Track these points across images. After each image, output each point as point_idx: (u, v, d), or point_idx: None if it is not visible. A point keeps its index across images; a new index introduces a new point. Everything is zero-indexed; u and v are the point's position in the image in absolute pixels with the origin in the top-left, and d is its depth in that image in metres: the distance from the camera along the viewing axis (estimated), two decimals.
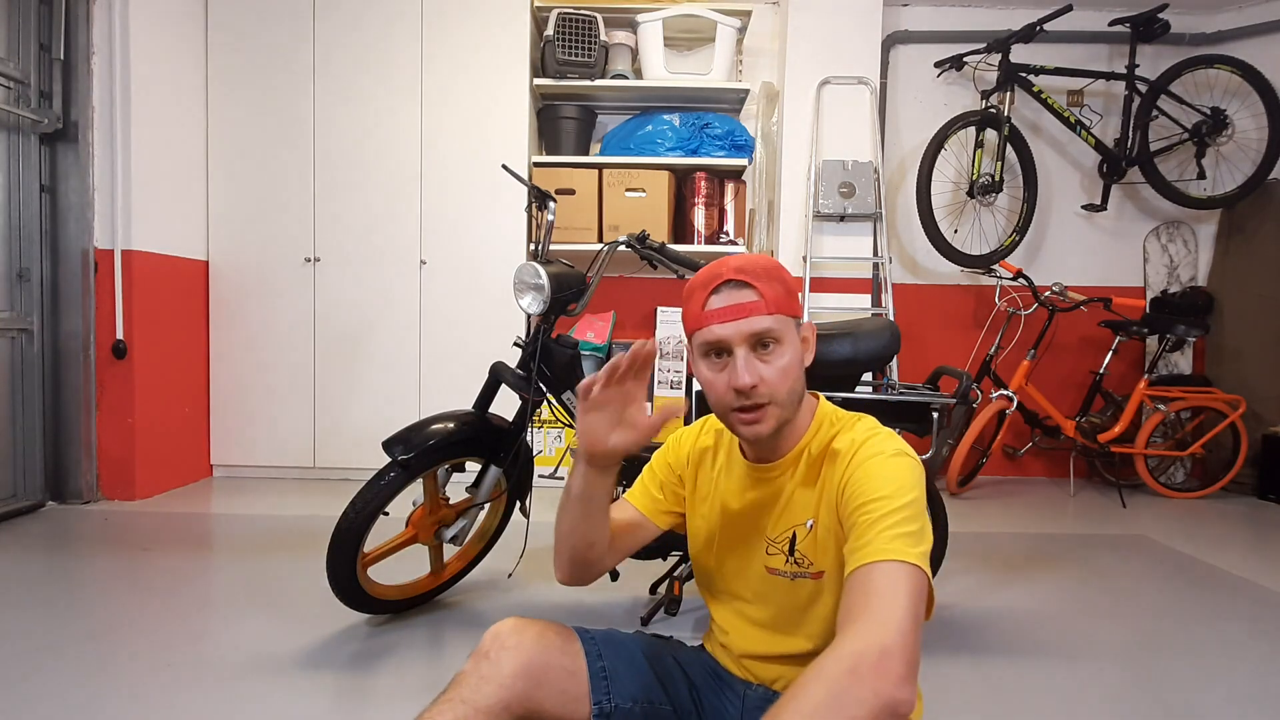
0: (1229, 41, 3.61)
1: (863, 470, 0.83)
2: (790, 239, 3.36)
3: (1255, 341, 3.53)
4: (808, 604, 0.92)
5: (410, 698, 1.45)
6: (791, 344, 0.88)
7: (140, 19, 2.82)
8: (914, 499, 0.79)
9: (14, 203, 2.69)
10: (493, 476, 1.84)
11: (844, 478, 0.85)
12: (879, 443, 0.86)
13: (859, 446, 0.86)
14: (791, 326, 0.89)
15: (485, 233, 3.23)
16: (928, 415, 1.81)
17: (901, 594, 0.71)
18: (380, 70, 3.20)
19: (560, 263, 1.85)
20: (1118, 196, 3.65)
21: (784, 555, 0.92)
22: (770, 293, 0.86)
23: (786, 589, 0.93)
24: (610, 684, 0.93)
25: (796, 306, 0.90)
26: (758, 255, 0.93)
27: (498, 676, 0.86)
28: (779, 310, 0.87)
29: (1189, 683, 1.61)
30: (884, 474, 0.82)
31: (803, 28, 3.32)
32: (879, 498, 0.79)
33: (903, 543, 0.75)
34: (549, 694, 0.89)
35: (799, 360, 0.90)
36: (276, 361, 3.26)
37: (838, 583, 0.87)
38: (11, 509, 2.65)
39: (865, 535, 0.77)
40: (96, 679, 1.51)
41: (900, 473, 0.82)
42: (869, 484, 0.81)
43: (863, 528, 0.78)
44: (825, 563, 0.90)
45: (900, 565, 0.73)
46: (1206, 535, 2.79)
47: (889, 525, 0.76)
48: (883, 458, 0.84)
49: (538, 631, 0.92)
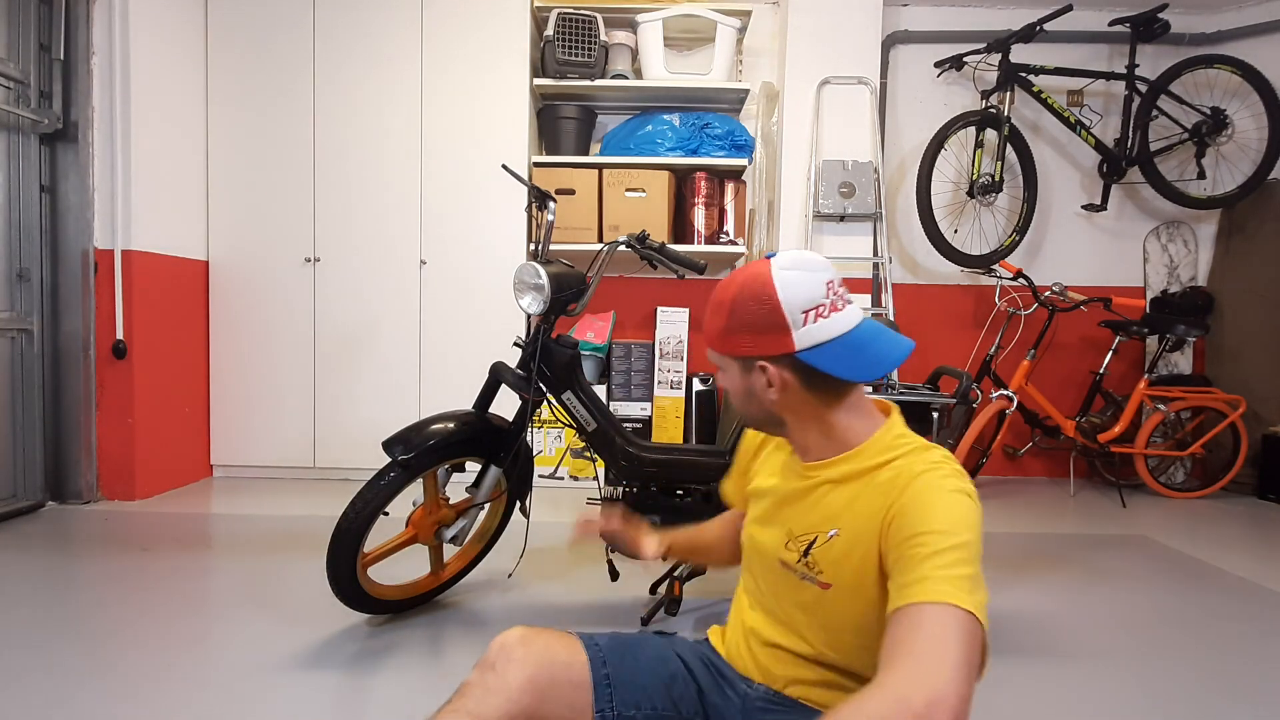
0: (1229, 41, 3.61)
1: (917, 502, 0.78)
2: (790, 239, 3.36)
3: (1255, 341, 3.53)
4: (809, 607, 0.91)
5: (410, 698, 1.45)
6: (731, 376, 0.90)
7: (140, 19, 2.83)
8: (970, 540, 0.73)
9: (14, 203, 2.69)
10: (493, 476, 1.84)
11: (894, 507, 0.79)
12: (939, 477, 0.80)
13: (916, 476, 0.80)
14: (730, 363, 0.89)
15: (485, 233, 3.23)
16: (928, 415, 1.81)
17: (954, 641, 0.65)
18: (380, 70, 3.20)
19: (560, 263, 1.85)
20: (1118, 196, 3.66)
21: (798, 554, 0.90)
22: (707, 326, 0.92)
23: (794, 585, 0.92)
24: (614, 691, 0.92)
25: (734, 345, 0.87)
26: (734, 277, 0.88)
27: (504, 689, 0.85)
28: (712, 345, 0.91)
29: (1189, 682, 1.61)
30: (939, 508, 0.76)
31: (803, 28, 3.32)
32: (931, 531, 0.74)
33: (957, 586, 0.69)
34: (554, 707, 0.88)
35: (741, 391, 0.90)
36: (276, 361, 3.26)
37: (844, 599, 0.85)
38: (11, 509, 2.65)
39: (915, 571, 0.71)
40: (97, 679, 1.51)
41: (957, 509, 0.76)
42: (922, 516, 0.76)
43: (912, 562, 0.72)
44: (834, 576, 0.86)
45: (954, 610, 0.67)
46: (1206, 535, 2.79)
47: (943, 565, 0.71)
48: (941, 492, 0.78)
49: (544, 644, 0.91)
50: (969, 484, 0.81)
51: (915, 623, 0.68)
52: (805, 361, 0.84)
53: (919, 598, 0.69)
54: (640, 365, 3.35)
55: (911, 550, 0.74)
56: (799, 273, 0.84)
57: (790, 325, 0.83)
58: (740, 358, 0.88)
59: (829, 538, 0.87)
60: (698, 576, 1.96)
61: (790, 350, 0.84)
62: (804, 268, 0.84)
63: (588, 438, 1.86)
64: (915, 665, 0.64)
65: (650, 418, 3.31)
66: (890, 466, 0.84)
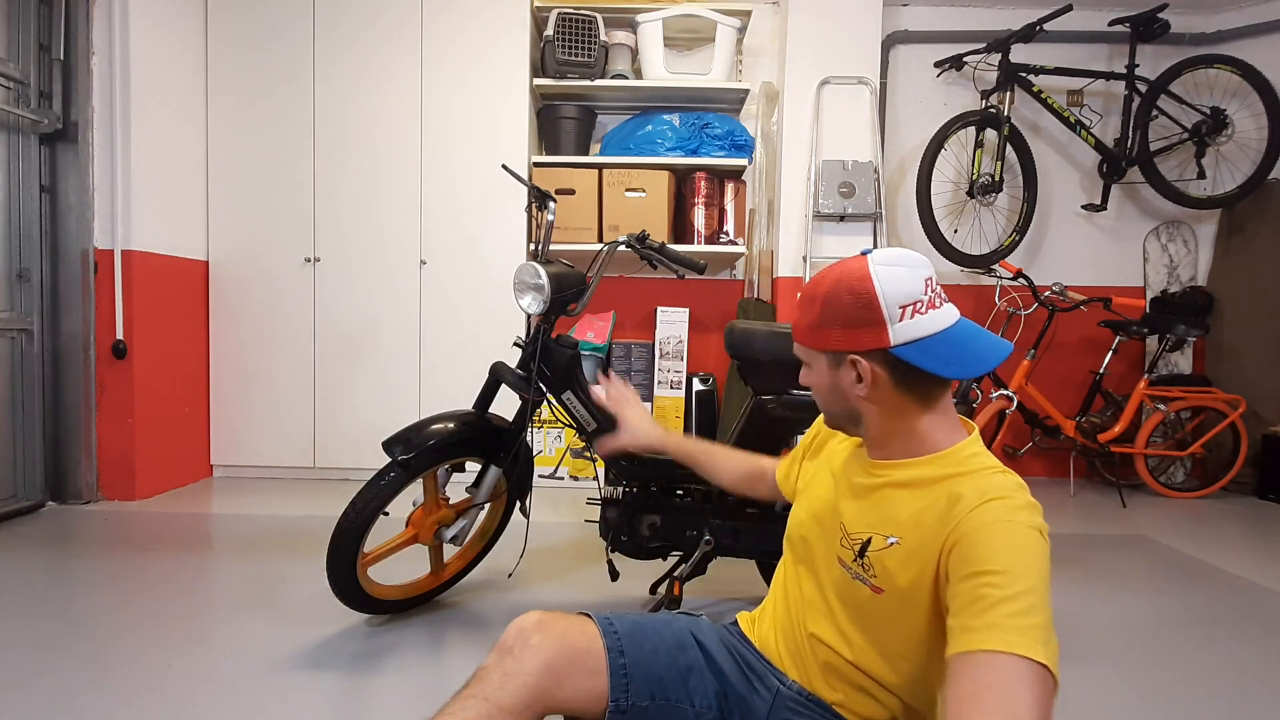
0: (1229, 41, 3.61)
1: (985, 534, 0.73)
2: (790, 239, 3.36)
3: (1255, 341, 3.53)
4: (859, 607, 0.88)
5: (410, 698, 1.45)
6: (818, 371, 0.90)
7: (140, 19, 2.83)
8: (1041, 585, 0.69)
9: (14, 203, 2.69)
10: (493, 476, 1.84)
11: (960, 531, 0.75)
12: (1010, 508, 0.75)
13: (987, 500, 0.76)
14: (818, 357, 0.89)
15: (485, 233, 3.23)
16: None
17: (1029, 701, 0.62)
18: (380, 70, 3.20)
19: (560, 263, 1.85)
20: (1118, 196, 3.66)
21: (853, 554, 0.88)
22: (797, 320, 0.91)
23: (846, 581, 0.89)
24: (630, 680, 0.90)
25: (827, 339, 0.86)
26: (828, 272, 0.87)
27: (521, 674, 0.84)
28: (800, 339, 0.91)
29: (1189, 682, 1.61)
30: (1009, 544, 0.71)
31: (803, 28, 3.32)
32: (1000, 572, 0.69)
33: (1031, 637, 0.65)
34: (571, 692, 0.87)
35: (826, 386, 0.90)
36: (276, 361, 3.26)
37: (895, 607, 0.83)
38: (11, 509, 2.65)
39: (985, 615, 0.67)
40: (96, 680, 1.51)
41: (1028, 548, 0.71)
42: (989, 552, 0.71)
43: (981, 605, 0.68)
44: (888, 583, 0.83)
45: (1029, 665, 0.63)
46: (1206, 535, 2.79)
47: (1015, 611, 0.66)
48: (1011, 526, 0.73)
49: (562, 629, 0.90)
50: (1041, 518, 0.77)
51: (987, 677, 0.64)
52: (900, 357, 0.82)
53: (990, 645, 0.65)
54: (640, 365, 3.35)
55: (979, 590, 0.69)
56: (898, 268, 0.83)
57: (887, 320, 0.82)
58: (831, 352, 0.87)
59: (888, 544, 0.84)
60: (698, 576, 1.96)
61: (885, 345, 0.83)
62: (903, 264, 0.83)
63: (588, 438, 1.86)
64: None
65: None
66: (960, 481, 0.81)
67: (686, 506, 1.89)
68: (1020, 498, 0.78)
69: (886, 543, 0.84)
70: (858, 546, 0.87)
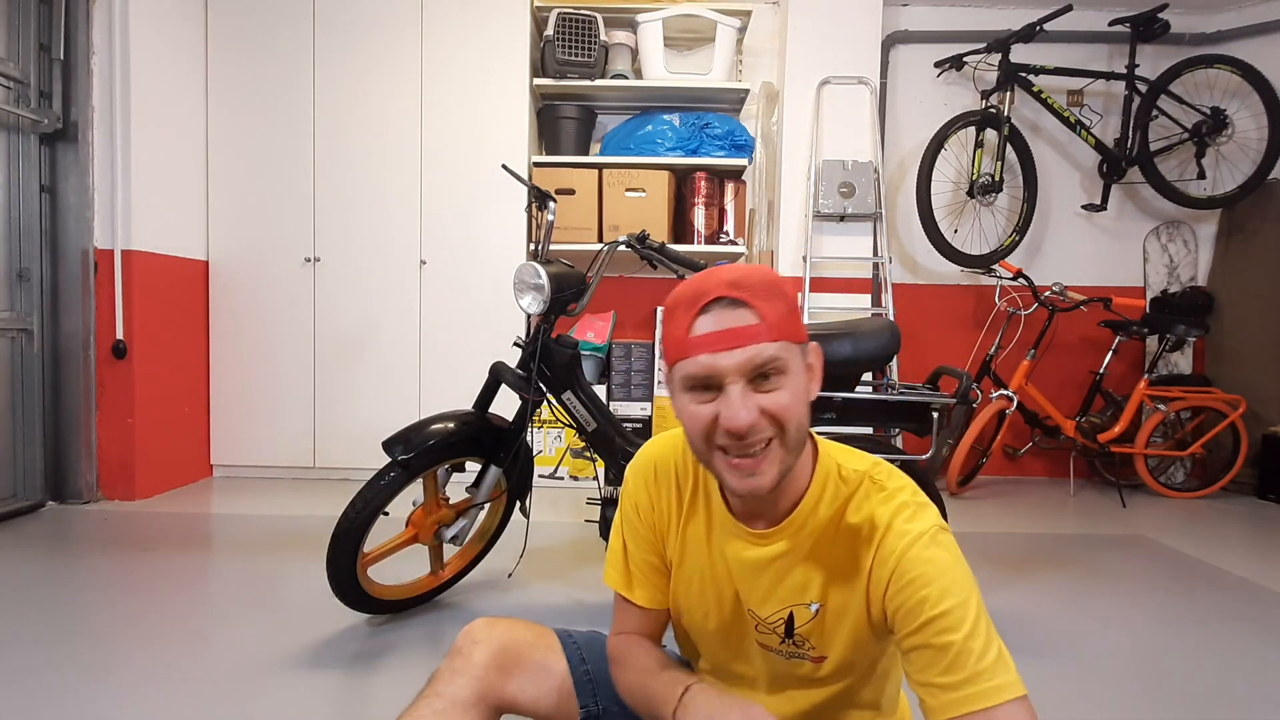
0: (1229, 41, 3.61)
1: (907, 566, 0.71)
2: (790, 239, 3.36)
3: (1255, 341, 3.53)
4: (805, 680, 0.85)
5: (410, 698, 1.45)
6: (796, 375, 0.72)
7: (140, 19, 2.82)
8: (976, 596, 0.70)
9: (14, 203, 2.69)
10: (493, 476, 1.84)
11: (883, 570, 0.73)
12: (907, 522, 0.73)
13: (887, 528, 0.74)
14: (797, 354, 0.73)
15: (485, 233, 3.22)
16: (928, 415, 1.81)
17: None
18: (380, 70, 3.20)
19: (560, 263, 1.85)
20: (1118, 196, 3.66)
21: (779, 637, 0.82)
22: (772, 313, 0.70)
23: (781, 664, 0.84)
24: (596, 686, 0.93)
25: (801, 329, 0.74)
26: (752, 266, 0.73)
27: (469, 669, 0.88)
28: (782, 335, 0.70)
29: (1189, 683, 1.61)
30: (935, 571, 0.70)
31: (802, 28, 3.32)
32: (946, 610, 0.69)
33: (1003, 675, 0.67)
34: (521, 684, 0.90)
35: (804, 394, 0.74)
36: (276, 361, 3.26)
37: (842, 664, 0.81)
38: (11, 509, 2.65)
39: (957, 671, 0.67)
40: (96, 679, 1.51)
41: (949, 564, 0.71)
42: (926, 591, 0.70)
43: (945, 657, 0.68)
44: (830, 649, 0.80)
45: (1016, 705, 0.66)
46: (1206, 535, 2.79)
47: (979, 653, 0.67)
48: (922, 544, 0.71)
49: (506, 625, 0.94)
50: (932, 511, 0.75)
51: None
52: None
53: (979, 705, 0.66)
54: (640, 365, 3.35)
55: (939, 641, 0.69)
56: None
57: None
58: (803, 345, 0.75)
59: (812, 613, 0.79)
60: None
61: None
62: None
63: (588, 438, 1.86)
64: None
65: (650, 418, 3.31)
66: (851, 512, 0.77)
67: None
68: (906, 501, 0.75)
69: (811, 612, 0.79)
70: (781, 628, 0.81)
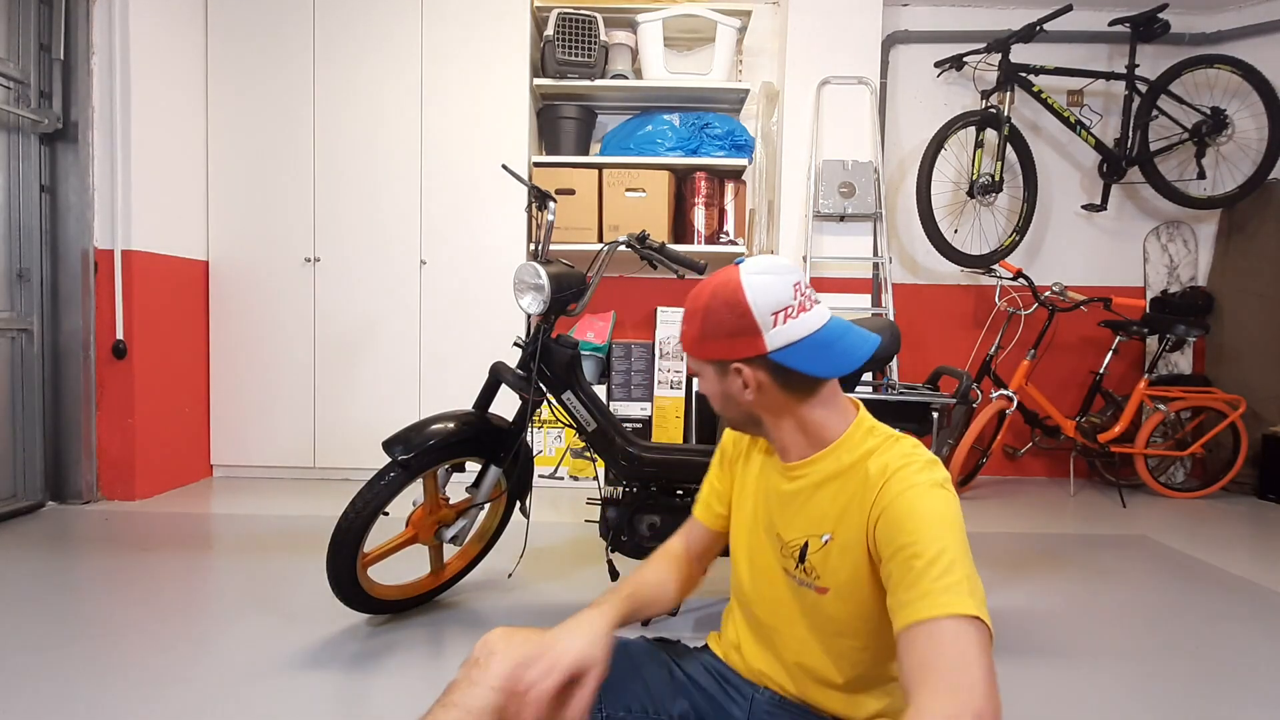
0: (1229, 41, 3.61)
1: (898, 504, 0.79)
2: (790, 239, 3.36)
3: (1255, 341, 3.53)
4: (807, 613, 0.92)
5: (410, 698, 1.45)
6: (708, 380, 0.92)
7: (140, 19, 2.83)
8: (956, 539, 0.76)
9: (14, 203, 2.69)
10: (493, 476, 1.84)
11: (878, 509, 0.82)
12: (914, 472, 0.82)
13: (893, 473, 0.82)
14: (705, 367, 0.91)
15: (485, 233, 3.23)
16: (928, 415, 1.81)
17: (974, 652, 0.69)
18: (380, 70, 3.20)
19: (560, 263, 1.85)
20: (1118, 196, 3.66)
21: (794, 561, 0.92)
22: (685, 334, 0.92)
23: (793, 591, 0.93)
24: (603, 693, 0.93)
25: (708, 350, 0.89)
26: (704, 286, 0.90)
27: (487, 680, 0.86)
28: (689, 352, 0.93)
29: (1189, 683, 1.61)
30: (920, 509, 0.78)
31: (803, 28, 3.32)
32: (919, 541, 0.75)
33: (958, 595, 0.72)
34: None
35: (719, 394, 0.93)
36: (276, 361, 3.26)
37: (840, 602, 0.87)
38: (11, 509, 2.65)
39: (916, 587, 0.73)
40: (97, 679, 1.51)
41: (936, 507, 0.78)
42: (906, 522, 0.78)
43: (911, 577, 0.74)
44: (831, 580, 0.88)
45: (965, 621, 0.70)
46: (1206, 535, 2.79)
47: (938, 574, 0.73)
48: (918, 489, 0.80)
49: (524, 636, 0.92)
50: (942, 471, 0.83)
51: (933, 641, 0.70)
52: (777, 361, 0.86)
53: (926, 614, 0.71)
54: (640, 365, 3.35)
55: (906, 564, 0.75)
56: (767, 277, 0.86)
57: (761, 328, 0.85)
58: (716, 362, 0.90)
59: (823, 543, 0.89)
60: None
61: (763, 351, 0.86)
62: (772, 272, 0.86)
63: (588, 438, 1.86)
64: (951, 688, 0.67)
65: (650, 418, 3.31)
66: (869, 461, 0.86)
67: (686, 506, 1.89)
68: (919, 458, 0.84)
69: (822, 542, 0.88)
70: (796, 553, 0.91)
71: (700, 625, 1.83)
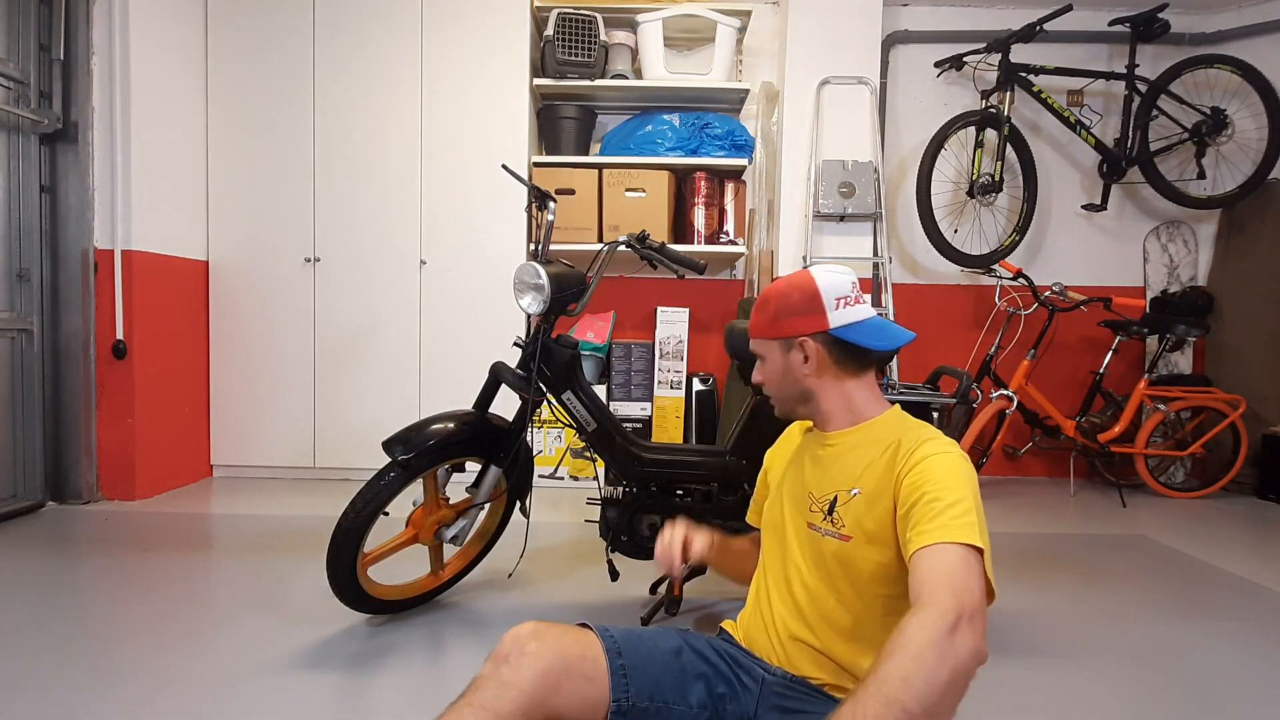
0: (1229, 41, 3.61)
1: (926, 464, 0.93)
2: (790, 239, 3.36)
3: (1255, 341, 3.53)
4: (830, 563, 1.01)
5: (410, 698, 1.45)
6: (771, 360, 1.11)
7: (140, 19, 2.83)
8: (973, 495, 0.90)
9: (14, 203, 2.69)
10: (493, 476, 1.84)
11: (907, 468, 0.94)
12: (940, 443, 0.97)
13: (922, 443, 0.97)
14: (773, 347, 1.10)
15: (485, 233, 3.23)
16: (928, 415, 1.81)
17: (975, 569, 0.83)
18: (380, 70, 3.20)
19: (560, 263, 1.85)
20: (1118, 196, 3.66)
21: (823, 514, 1.04)
22: (755, 320, 1.13)
23: (817, 544, 1.04)
24: (629, 681, 0.93)
25: (780, 328, 1.08)
26: (778, 282, 1.11)
27: (518, 682, 0.86)
28: (758, 335, 1.13)
29: (1189, 683, 1.61)
30: (945, 469, 0.92)
31: (803, 28, 3.32)
32: (940, 491, 0.89)
33: (969, 529, 0.85)
34: (569, 700, 0.89)
35: (780, 371, 1.10)
36: (276, 361, 3.26)
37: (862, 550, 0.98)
38: (11, 509, 2.65)
39: (934, 520, 0.87)
40: (96, 679, 1.51)
41: (959, 470, 0.92)
42: (932, 476, 0.91)
43: (929, 513, 0.88)
44: (854, 529, 0.99)
45: (972, 550, 0.84)
46: (1206, 535, 2.79)
47: (955, 515, 0.86)
48: (946, 456, 0.94)
49: (557, 636, 0.92)
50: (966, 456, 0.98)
51: (940, 561, 0.83)
52: (837, 336, 1.05)
53: (939, 538, 0.85)
54: (640, 365, 3.35)
55: (928, 504, 0.89)
56: (833, 273, 1.08)
57: (826, 308, 1.05)
58: (784, 339, 1.08)
59: (851, 495, 1.01)
60: (698, 576, 1.96)
61: (825, 328, 1.05)
62: (836, 271, 1.09)
63: (588, 438, 1.86)
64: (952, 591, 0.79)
65: (650, 418, 3.31)
66: (900, 435, 1.01)
67: (686, 506, 1.89)
68: (945, 438, 0.99)
69: (851, 494, 1.01)
70: (826, 505, 1.04)
71: (700, 625, 1.84)
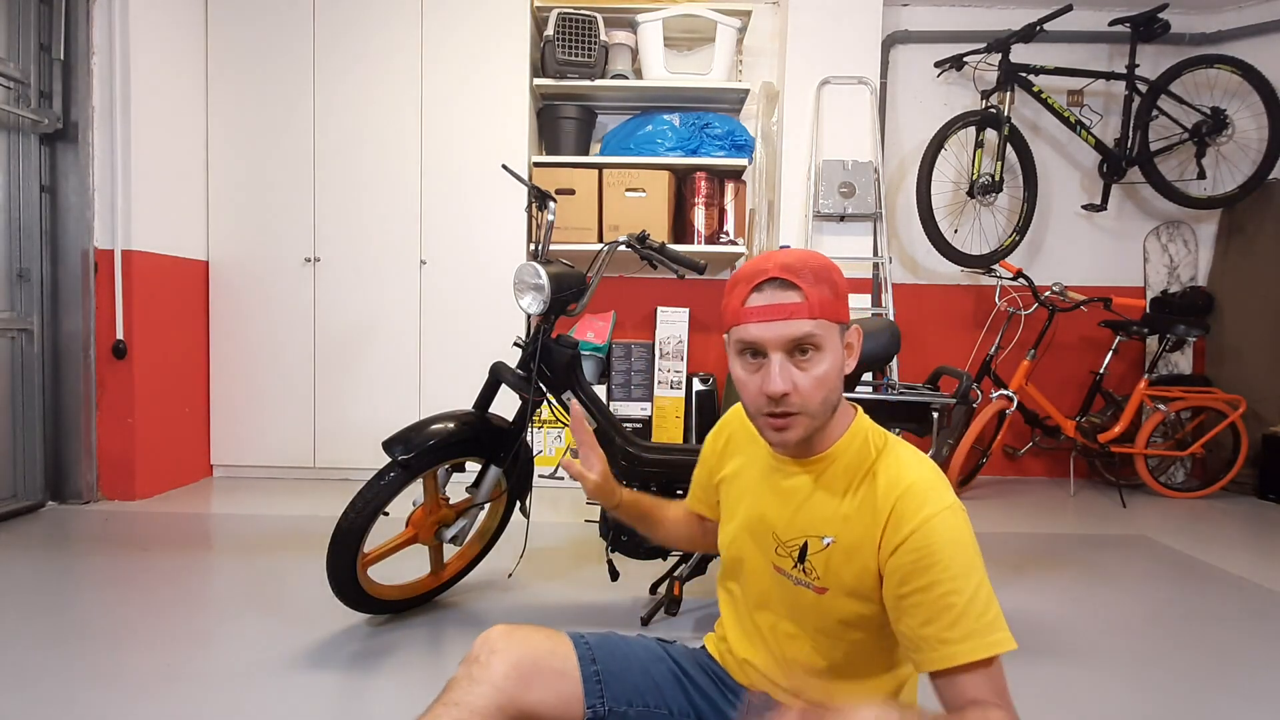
0: (1229, 41, 3.61)
1: (921, 538, 0.79)
2: (790, 239, 3.36)
3: (1255, 341, 3.53)
4: (805, 611, 0.91)
5: (410, 698, 1.45)
6: (832, 350, 0.84)
7: (140, 19, 2.82)
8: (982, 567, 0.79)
9: (14, 203, 2.69)
10: (493, 476, 1.84)
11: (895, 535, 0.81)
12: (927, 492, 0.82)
13: (904, 491, 0.82)
14: (835, 332, 0.84)
15: (485, 233, 3.22)
16: (928, 415, 1.81)
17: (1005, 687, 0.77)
18: (380, 70, 3.20)
19: (560, 263, 1.85)
20: (1118, 196, 3.65)
21: (792, 560, 0.91)
22: (815, 295, 0.82)
23: (788, 590, 0.92)
24: (604, 686, 0.93)
25: (843, 311, 0.85)
26: (808, 252, 0.85)
27: (488, 678, 0.87)
28: (823, 314, 0.82)
29: (1189, 682, 1.61)
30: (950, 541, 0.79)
31: (803, 28, 3.32)
32: (954, 576, 0.77)
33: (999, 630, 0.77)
34: (541, 695, 0.89)
35: (838, 368, 0.85)
36: (276, 361, 3.26)
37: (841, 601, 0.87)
38: (11, 509, 2.65)
39: (959, 626, 0.76)
40: (96, 679, 1.51)
41: (962, 539, 0.79)
42: (938, 558, 0.78)
43: (949, 615, 0.76)
44: (832, 581, 0.87)
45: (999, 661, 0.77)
46: (1206, 535, 2.79)
47: (980, 613, 0.76)
48: (940, 520, 0.79)
49: (525, 634, 0.94)
50: (949, 489, 0.84)
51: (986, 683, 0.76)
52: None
53: (977, 655, 0.76)
54: (640, 365, 3.35)
55: (943, 600, 0.77)
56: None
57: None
58: (844, 325, 0.87)
59: (824, 545, 0.88)
60: (698, 576, 1.96)
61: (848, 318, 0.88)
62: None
63: None
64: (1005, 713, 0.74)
65: (650, 418, 3.31)
66: (877, 469, 0.87)
67: None
68: (926, 474, 0.84)
69: (823, 543, 0.88)
70: (795, 552, 0.91)
71: (700, 625, 1.83)
